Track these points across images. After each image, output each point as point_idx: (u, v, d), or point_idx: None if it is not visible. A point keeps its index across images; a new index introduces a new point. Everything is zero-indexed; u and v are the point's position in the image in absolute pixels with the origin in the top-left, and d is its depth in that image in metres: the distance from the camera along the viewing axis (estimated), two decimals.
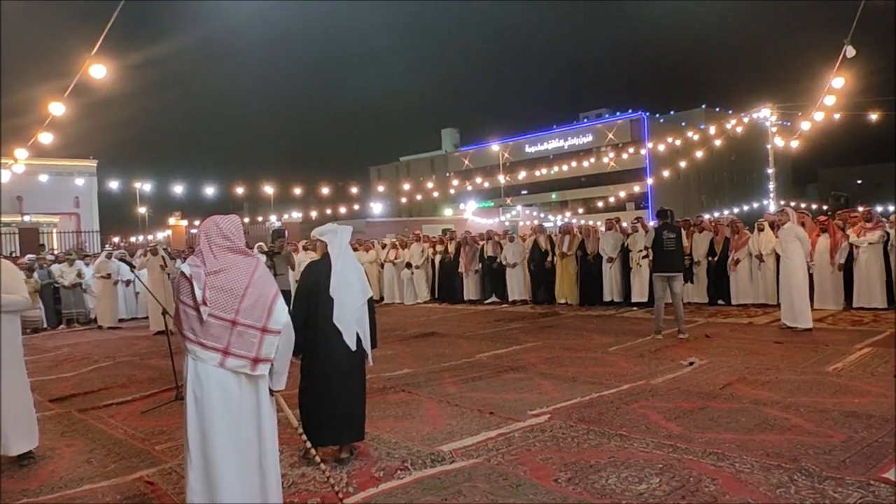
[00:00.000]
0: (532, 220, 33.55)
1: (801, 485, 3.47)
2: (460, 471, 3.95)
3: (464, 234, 16.13)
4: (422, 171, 66.55)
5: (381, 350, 8.57)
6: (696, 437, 4.40)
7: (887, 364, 6.35)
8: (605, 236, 12.69)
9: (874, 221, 10.47)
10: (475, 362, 7.56)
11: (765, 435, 4.39)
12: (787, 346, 7.57)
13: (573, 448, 4.28)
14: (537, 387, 6.14)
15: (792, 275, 8.73)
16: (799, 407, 4.99)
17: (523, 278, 13.95)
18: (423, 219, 41.52)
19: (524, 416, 5.06)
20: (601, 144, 56.02)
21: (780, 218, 9.16)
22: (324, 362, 4.11)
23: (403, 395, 6.04)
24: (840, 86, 11.32)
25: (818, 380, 5.89)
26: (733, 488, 3.48)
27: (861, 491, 3.35)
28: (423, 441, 4.60)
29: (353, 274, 4.21)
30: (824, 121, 15.13)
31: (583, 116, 65.01)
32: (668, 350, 7.72)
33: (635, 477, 3.72)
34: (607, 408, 5.23)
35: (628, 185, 43.00)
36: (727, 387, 5.76)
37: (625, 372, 6.59)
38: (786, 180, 61.71)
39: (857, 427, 4.44)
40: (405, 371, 7.21)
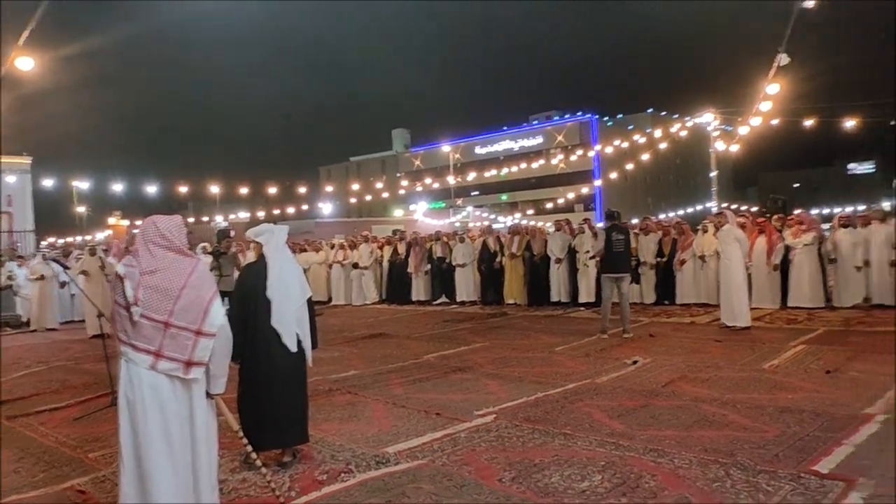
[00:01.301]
0: (482, 221, 33.74)
1: (737, 479, 3.57)
2: (405, 472, 3.92)
3: (413, 234, 16.10)
4: (372, 171, 66.20)
5: (328, 352, 8.49)
6: (638, 434, 4.48)
7: (820, 361, 6.61)
8: (554, 237, 12.85)
9: (807, 224, 10.91)
10: (423, 363, 7.54)
11: (703, 431, 4.50)
12: (727, 345, 7.80)
13: (518, 447, 4.30)
14: (484, 387, 6.16)
15: (731, 275, 9.01)
16: (736, 403, 5.14)
17: (472, 279, 14.00)
18: (373, 219, 41.30)
19: (470, 417, 5.06)
20: (551, 146, 56.79)
21: (718, 220, 9.44)
22: (263, 365, 4.01)
23: (349, 397, 5.96)
24: (775, 92, 11.79)
25: (755, 377, 6.08)
26: (672, 484, 3.55)
27: (792, 483, 3.46)
28: (368, 443, 4.54)
29: (292, 274, 4.13)
30: (762, 126, 15.72)
31: (533, 118, 65.80)
32: (613, 349, 7.85)
33: (578, 475, 3.76)
34: (552, 407, 5.28)
35: (577, 187, 43.69)
36: (669, 385, 5.89)
37: (570, 371, 6.67)
38: (728, 183, 63.90)
39: (790, 422, 4.59)
40: (352, 372, 7.13)
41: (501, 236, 14.24)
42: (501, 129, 63.83)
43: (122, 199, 27.88)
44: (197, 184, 29.63)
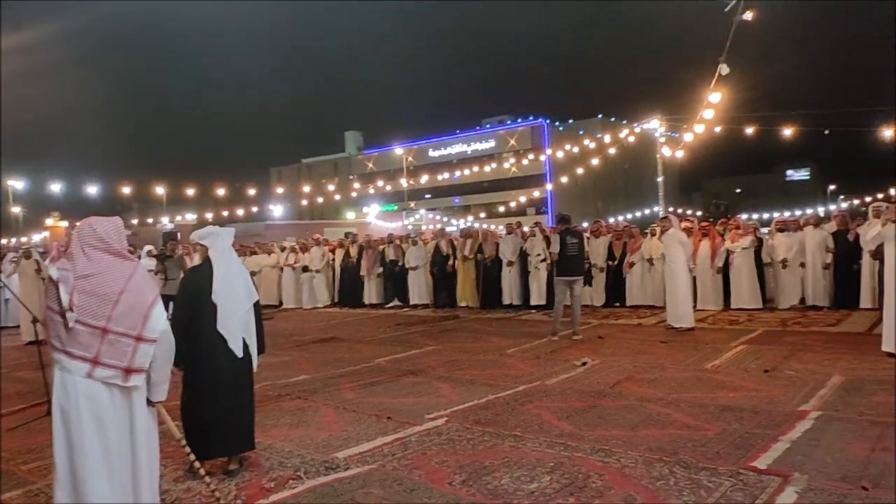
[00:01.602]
0: (435, 223, 33.78)
1: (680, 476, 3.66)
2: (355, 478, 3.88)
3: (366, 237, 16.01)
4: (324, 173, 65.44)
5: (278, 356, 8.35)
6: (586, 434, 4.55)
7: (758, 360, 6.85)
8: (505, 240, 12.97)
9: (743, 228, 11.31)
10: (374, 367, 7.49)
11: (648, 430, 4.60)
12: (672, 346, 8.01)
13: (468, 450, 4.32)
14: (435, 390, 6.16)
15: (675, 277, 9.26)
16: (680, 403, 5.28)
17: (425, 282, 14.00)
18: (325, 222, 40.83)
19: (421, 420, 5.05)
20: (503, 150, 57.29)
21: (663, 224, 9.69)
22: (208, 371, 3.91)
23: (299, 402, 5.88)
24: (717, 101, 12.20)
25: (698, 376, 6.26)
26: (618, 483, 3.62)
27: (732, 480, 3.58)
28: (317, 449, 4.48)
29: (238, 278, 4.04)
30: (706, 133, 16.22)
31: (486, 122, 66.29)
32: (562, 351, 7.97)
33: (527, 476, 3.79)
34: (503, 409, 5.32)
35: (529, 191, 44.19)
36: (616, 385, 6.00)
37: (521, 373, 6.73)
38: (674, 188, 65.65)
39: (731, 420, 4.74)
40: (302, 377, 7.03)
41: (454, 239, 14.29)
42: (454, 132, 64.09)
43: (61, 199, 26.80)
44: (142, 184, 28.77)
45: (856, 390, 5.43)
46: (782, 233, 11.15)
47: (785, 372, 6.24)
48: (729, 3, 9.48)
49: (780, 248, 10.98)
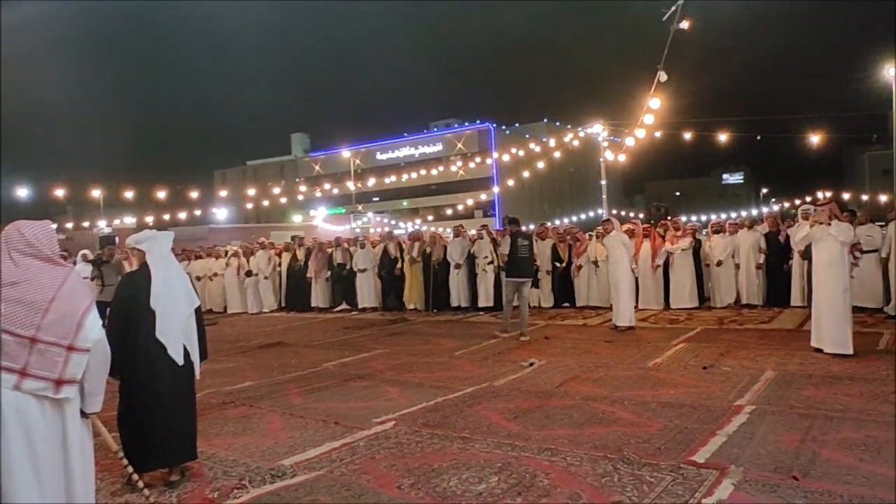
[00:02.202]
0: (383, 226, 33.62)
1: (623, 473, 3.75)
2: (301, 485, 3.83)
3: (313, 240, 15.81)
4: (270, 175, 64.31)
5: (222, 363, 8.17)
6: (534, 434, 4.61)
7: (697, 357, 7.08)
8: (453, 243, 13.02)
9: (682, 230, 11.69)
10: (321, 371, 7.40)
11: (594, 428, 4.70)
12: (616, 345, 8.20)
13: (417, 453, 4.31)
14: (384, 394, 6.13)
15: (618, 278, 9.48)
16: (624, 401, 5.41)
17: (373, 285, 13.92)
18: (272, 225, 40.11)
19: (369, 424, 5.02)
20: (451, 153, 57.49)
21: (606, 227, 9.92)
22: (147, 380, 3.78)
23: (244, 409, 5.76)
24: (657, 107, 12.58)
25: (641, 375, 6.42)
26: (564, 481, 3.68)
27: (673, 474, 3.68)
28: (263, 456, 4.40)
29: (178, 283, 3.92)
30: (647, 138, 16.68)
31: (433, 125, 66.44)
32: (510, 352, 8.05)
33: (475, 477, 3.81)
34: (451, 411, 5.34)
35: (476, 194, 44.54)
36: (562, 385, 6.11)
37: (469, 375, 6.77)
38: (617, 191, 67.21)
39: (672, 416, 4.89)
40: (247, 384, 6.89)
41: (402, 242, 14.26)
42: (402, 135, 64.01)
43: None
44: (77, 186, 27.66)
45: (787, 384, 5.67)
46: (718, 234, 11.57)
47: (722, 368, 6.47)
48: (667, 13, 9.78)
49: (716, 249, 11.39)
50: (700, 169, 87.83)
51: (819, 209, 7.07)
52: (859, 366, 6.27)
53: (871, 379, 5.75)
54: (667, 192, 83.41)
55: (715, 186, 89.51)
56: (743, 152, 76.87)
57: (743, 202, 67.35)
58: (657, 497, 3.39)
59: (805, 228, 7.18)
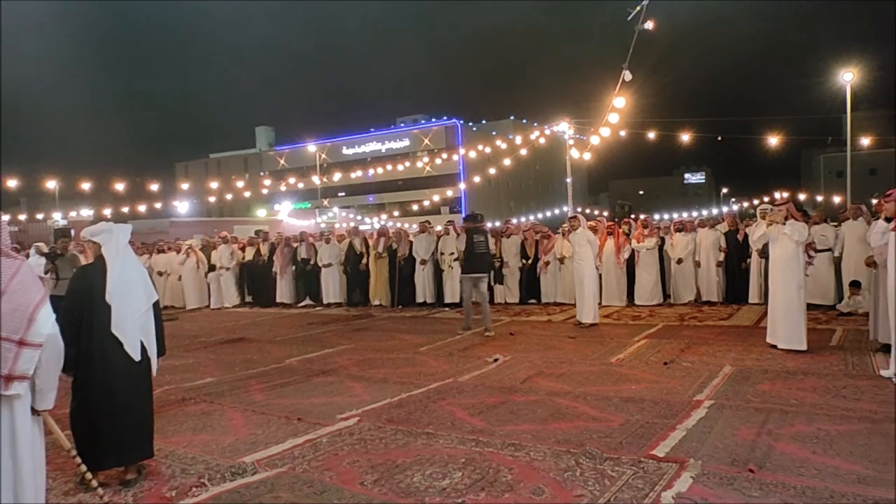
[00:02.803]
0: (349, 222, 33.40)
1: (586, 467, 3.79)
2: (263, 482, 3.77)
3: (277, 235, 15.61)
4: (234, 169, 63.37)
5: (183, 358, 8.01)
6: (497, 430, 4.63)
7: (659, 353, 7.20)
8: (419, 239, 13.00)
9: (650, 229, 11.88)
10: (285, 367, 7.31)
11: (557, 423, 4.74)
12: (579, 341, 8.29)
13: (381, 449, 4.29)
14: (348, 389, 6.09)
15: (583, 275, 9.59)
16: (587, 396, 5.47)
17: (338, 280, 13.81)
18: (235, 219, 39.45)
19: (333, 421, 4.98)
20: (417, 149, 57.38)
21: (572, 224, 10.02)
22: (101, 375, 3.67)
23: (204, 406, 5.65)
24: (622, 106, 12.74)
25: (603, 370, 6.50)
26: (527, 476, 3.70)
27: (634, 468, 3.74)
28: (223, 454, 4.32)
29: (135, 277, 3.82)
30: (611, 137, 16.87)
31: (400, 121, 66.21)
32: (475, 348, 8.07)
33: (439, 473, 3.81)
34: (416, 407, 5.33)
35: (442, 190, 44.56)
36: (527, 381, 6.14)
37: (434, 371, 6.77)
38: (582, 189, 68.02)
39: (633, 411, 4.96)
40: (208, 380, 6.76)
41: (367, 237, 14.18)
42: (369, 130, 63.63)
43: None
44: (31, 177, 26.79)
45: (744, 379, 5.81)
46: (680, 233, 11.78)
47: (682, 364, 6.59)
48: (632, 13, 9.91)
49: (678, 248, 11.60)
50: (663, 168, 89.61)
51: (776, 209, 7.25)
52: (813, 361, 6.46)
53: (824, 374, 5.93)
54: (631, 190, 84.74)
55: (677, 185, 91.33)
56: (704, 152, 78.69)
57: (704, 201, 68.87)
58: (618, 491, 3.43)
59: (762, 227, 7.36)
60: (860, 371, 6.01)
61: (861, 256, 8.55)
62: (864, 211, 10.00)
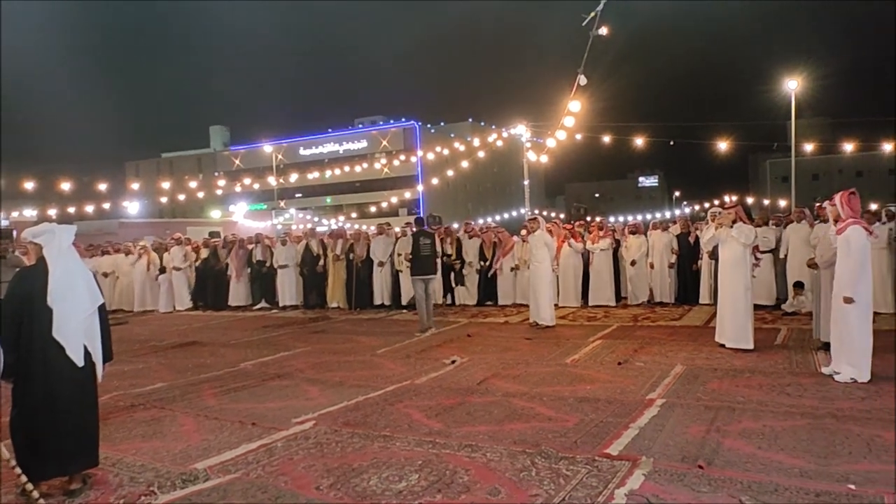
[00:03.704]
0: (306, 223, 32.98)
1: (541, 467, 3.83)
2: (215, 489, 3.69)
3: (232, 236, 15.33)
4: (187, 169, 61.99)
5: (132, 363, 7.80)
6: (454, 431, 4.64)
7: (613, 354, 7.32)
8: (377, 241, 12.94)
9: (605, 230, 12.09)
10: (239, 371, 7.18)
11: (513, 424, 4.77)
12: (536, 342, 8.37)
13: (337, 453, 4.25)
14: (304, 393, 6.02)
15: (540, 277, 9.69)
16: (543, 396, 5.53)
17: (294, 282, 13.63)
18: (188, 220, 38.55)
19: (288, 425, 4.91)
20: (376, 151, 57.18)
21: (531, 225, 10.12)
22: (42, 382, 3.53)
23: (154, 412, 5.50)
24: (577, 110, 12.93)
25: (559, 371, 6.58)
26: (484, 476, 3.72)
27: (588, 467, 3.79)
28: (174, 460, 4.22)
29: (79, 280, 3.69)
30: (568, 140, 17.10)
31: (358, 122, 65.87)
32: (432, 350, 8.07)
33: (396, 476, 3.80)
34: (372, 410, 5.30)
35: (401, 192, 44.40)
36: (483, 382, 6.17)
37: (391, 373, 6.74)
38: (539, 191, 68.66)
39: (588, 410, 5.04)
40: (158, 385, 6.59)
41: (325, 239, 14.04)
42: (326, 131, 63.09)
43: None
44: None
45: (694, 378, 5.96)
46: (633, 235, 12.02)
47: (636, 364, 6.72)
48: (587, 18, 10.07)
49: (632, 250, 11.83)
50: (618, 171, 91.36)
51: (725, 212, 7.46)
52: (759, 360, 6.67)
53: (770, 372, 6.13)
54: (586, 193, 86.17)
55: (631, 188, 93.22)
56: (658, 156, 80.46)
57: (657, 204, 70.38)
58: (573, 489, 3.48)
59: (712, 230, 7.58)
60: (803, 369, 6.24)
61: (804, 258, 8.86)
62: (807, 214, 10.37)
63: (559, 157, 25.74)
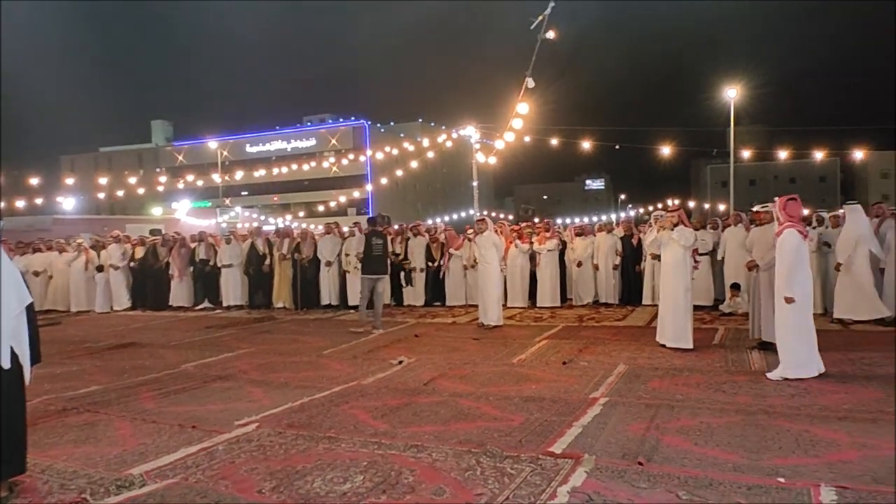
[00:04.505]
0: (252, 222, 32.33)
1: (486, 466, 3.86)
2: (151, 494, 3.58)
3: (174, 234, 14.90)
4: (127, 164, 59.81)
5: (65, 366, 7.51)
6: (400, 432, 4.62)
7: (558, 353, 7.44)
8: (324, 240, 12.80)
9: (551, 232, 12.27)
10: (179, 373, 6.98)
11: (459, 424, 4.79)
12: (483, 342, 8.43)
13: (280, 455, 4.18)
14: (247, 395, 5.89)
15: (488, 277, 9.77)
16: (489, 396, 5.57)
17: (240, 282, 13.35)
18: (127, 217, 37.25)
19: (230, 427, 4.80)
20: (324, 149, 56.55)
21: (479, 226, 10.19)
22: None
23: (88, 416, 5.30)
24: (525, 112, 13.08)
25: (506, 371, 6.64)
26: (429, 477, 3.72)
27: (532, 465, 3.84)
28: (108, 466, 4.07)
29: (5, 278, 3.53)
30: (516, 142, 17.27)
31: (307, 120, 65.01)
32: (379, 351, 8.03)
33: (340, 477, 3.76)
34: (318, 411, 5.23)
35: (349, 191, 44.11)
36: (430, 382, 6.18)
37: (337, 374, 6.68)
38: (489, 193, 69.30)
39: (533, 409, 5.10)
40: (93, 388, 6.35)
41: (270, 238, 13.79)
42: (274, 128, 62.03)
43: None
44: None
45: (636, 377, 6.11)
46: (580, 237, 12.24)
47: (580, 363, 6.84)
48: (534, 22, 10.20)
49: (578, 251, 12.05)
50: (565, 174, 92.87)
51: (667, 215, 7.68)
52: (698, 359, 6.89)
53: (707, 371, 6.33)
54: (535, 195, 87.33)
55: (578, 191, 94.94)
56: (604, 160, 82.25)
57: (604, 207, 71.94)
58: (517, 488, 3.51)
59: (654, 233, 7.78)
60: (738, 367, 6.48)
61: (741, 260, 9.19)
62: (744, 218, 10.77)
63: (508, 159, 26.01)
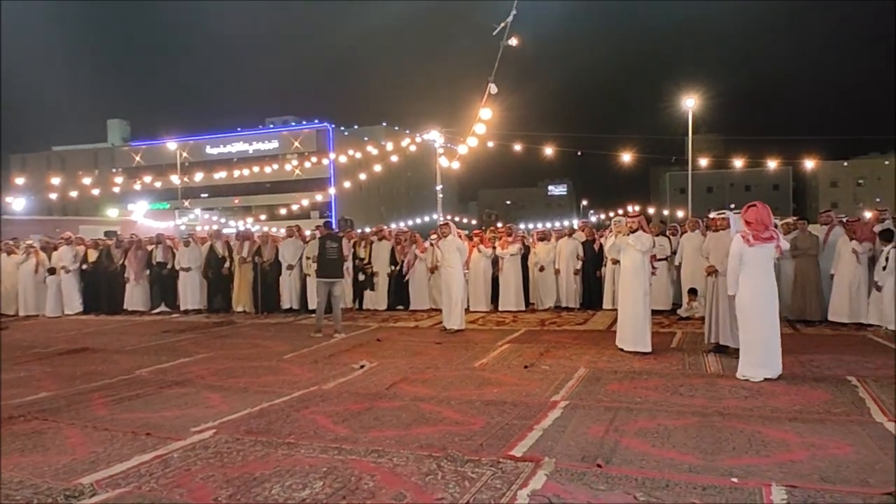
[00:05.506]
0: (211, 224, 31.73)
1: (447, 470, 3.85)
2: None
3: (130, 236, 14.53)
4: (81, 164, 58.13)
5: (13, 371, 7.33)
6: (361, 437, 4.58)
7: (520, 357, 7.48)
8: (286, 243, 12.64)
9: (514, 236, 12.36)
10: (134, 379, 6.80)
11: (420, 428, 4.78)
12: (445, 346, 8.43)
13: (238, 462, 4.10)
14: (204, 401, 5.77)
15: (451, 281, 9.77)
16: (451, 400, 5.57)
17: (198, 285, 13.09)
18: (81, 218, 36.14)
19: (186, 434, 4.70)
20: (287, 152, 55.97)
21: (443, 230, 10.20)
22: None
23: (36, 424, 5.12)
24: (488, 117, 13.19)
25: (467, 375, 6.65)
26: (389, 482, 3.69)
27: (493, 469, 3.85)
28: (57, 475, 3.93)
29: None
30: (480, 147, 17.39)
31: (269, 122, 64.27)
32: (341, 355, 7.96)
33: (299, 483, 3.71)
34: (277, 416, 5.15)
35: (312, 194, 43.62)
36: (392, 386, 6.14)
37: (298, 379, 6.59)
38: (453, 197, 69.47)
39: (494, 413, 5.11)
40: (41, 395, 6.14)
41: (231, 241, 13.56)
42: (235, 130, 61.14)
43: None
44: None
45: (596, 380, 6.19)
46: (542, 242, 12.36)
47: (541, 367, 6.89)
48: (497, 28, 10.27)
49: (540, 256, 12.16)
50: (529, 180, 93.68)
51: (627, 221, 7.81)
52: (656, 362, 7.02)
53: (665, 374, 6.45)
54: (498, 200, 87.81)
55: (541, 197, 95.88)
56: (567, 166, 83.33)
57: (566, 212, 72.89)
58: (477, 492, 3.51)
59: (614, 238, 7.90)
60: (695, 370, 6.61)
61: (698, 265, 9.40)
62: (700, 224, 11.02)
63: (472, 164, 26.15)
